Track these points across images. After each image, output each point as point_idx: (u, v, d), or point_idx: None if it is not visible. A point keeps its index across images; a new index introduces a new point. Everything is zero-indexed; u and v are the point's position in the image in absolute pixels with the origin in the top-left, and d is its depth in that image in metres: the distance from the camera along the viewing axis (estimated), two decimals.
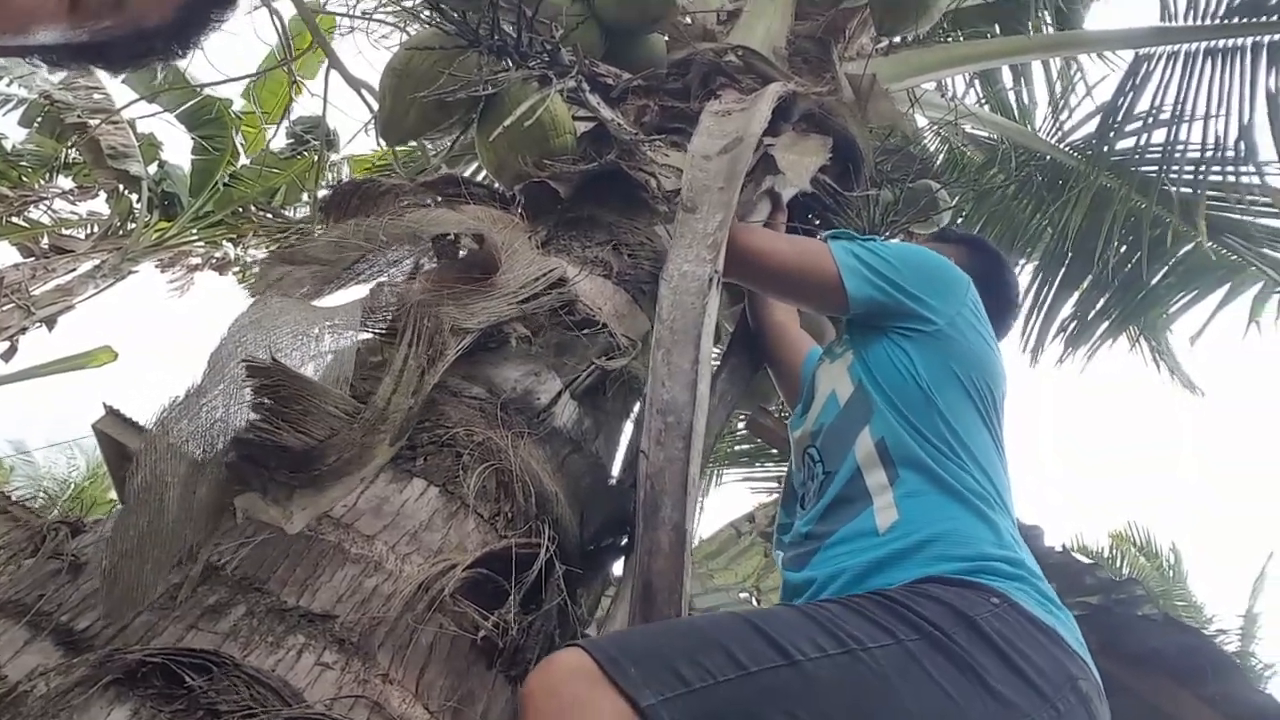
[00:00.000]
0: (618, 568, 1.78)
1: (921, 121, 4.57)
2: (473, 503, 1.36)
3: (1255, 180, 3.98)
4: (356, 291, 1.61)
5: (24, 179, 8.31)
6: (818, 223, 2.60)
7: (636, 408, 1.93)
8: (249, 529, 1.17)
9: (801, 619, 1.14)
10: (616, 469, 1.83)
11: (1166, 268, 4.55)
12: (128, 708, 0.96)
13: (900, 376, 1.51)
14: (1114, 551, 8.81)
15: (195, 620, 1.07)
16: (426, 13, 2.22)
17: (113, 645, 1.01)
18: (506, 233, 1.78)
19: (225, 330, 1.18)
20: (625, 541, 1.77)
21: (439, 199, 1.93)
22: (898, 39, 3.99)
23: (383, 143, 2.74)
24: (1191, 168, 4.05)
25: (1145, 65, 4.05)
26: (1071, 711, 1.13)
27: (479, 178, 3.07)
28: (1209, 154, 3.93)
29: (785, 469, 2.13)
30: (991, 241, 2.18)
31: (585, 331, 1.72)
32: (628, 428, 1.92)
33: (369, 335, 1.46)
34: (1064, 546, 2.57)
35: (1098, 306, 4.71)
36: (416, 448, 1.40)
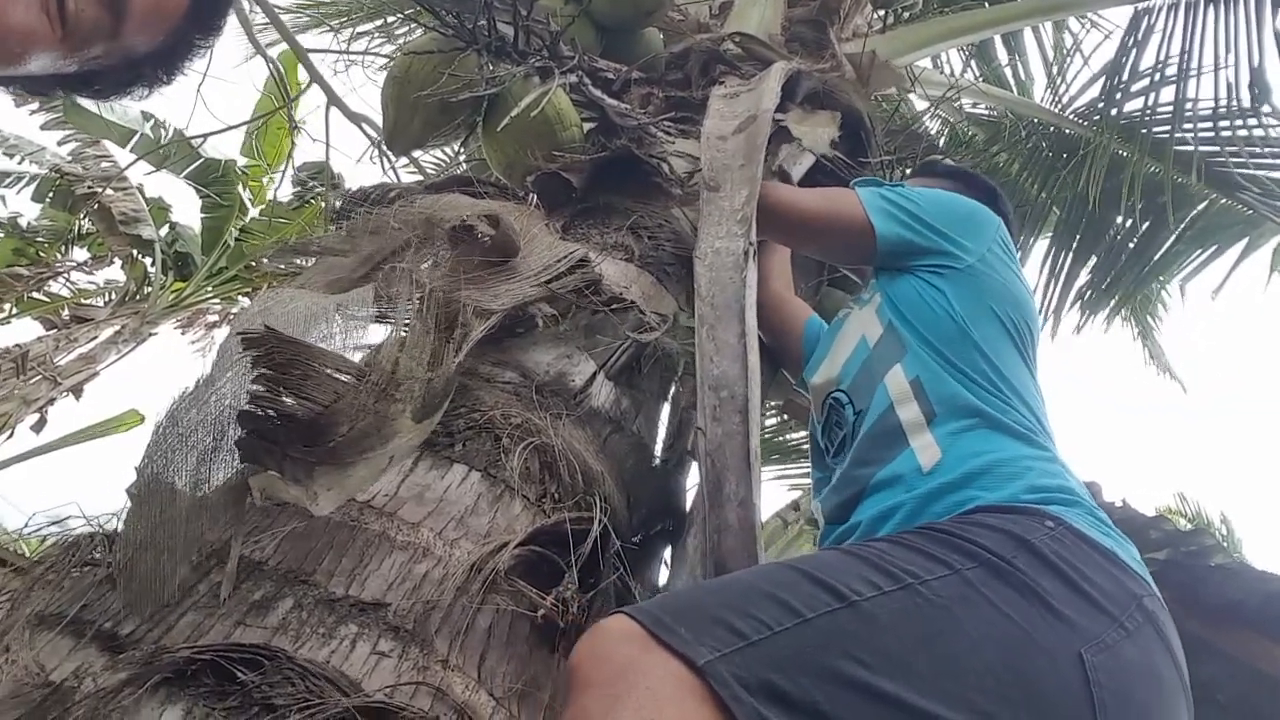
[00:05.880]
0: (669, 556, 1.72)
1: (921, 105, 4.54)
2: (517, 485, 1.31)
3: (1268, 131, 3.90)
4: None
5: (41, 254, 8.44)
6: None
7: (673, 389, 1.88)
8: (284, 520, 1.12)
9: (850, 560, 1.08)
10: (658, 451, 1.77)
11: (1181, 226, 4.47)
12: (180, 708, 0.91)
13: (933, 312, 1.46)
14: None
15: (242, 616, 1.02)
16: (423, 18, 2.21)
17: (160, 646, 0.96)
18: (523, 220, 1.75)
19: (235, 321, 1.15)
20: (674, 526, 1.72)
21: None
22: (891, 19, 3.97)
23: (388, 160, 2.73)
24: (1204, 124, 3.98)
25: (1146, 19, 3.99)
26: (1140, 630, 1.07)
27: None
28: (1220, 108, 3.86)
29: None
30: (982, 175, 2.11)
31: (614, 310, 1.67)
32: (665, 410, 1.87)
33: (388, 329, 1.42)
34: (1124, 500, 2.47)
35: (1113, 271, 4.64)
36: (453, 434, 1.35)
